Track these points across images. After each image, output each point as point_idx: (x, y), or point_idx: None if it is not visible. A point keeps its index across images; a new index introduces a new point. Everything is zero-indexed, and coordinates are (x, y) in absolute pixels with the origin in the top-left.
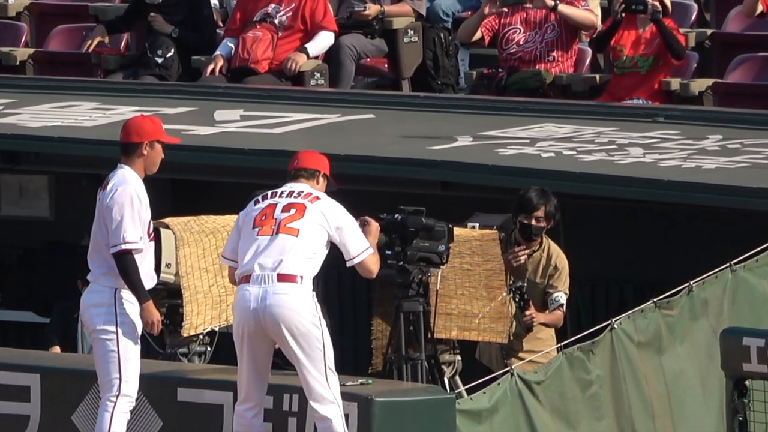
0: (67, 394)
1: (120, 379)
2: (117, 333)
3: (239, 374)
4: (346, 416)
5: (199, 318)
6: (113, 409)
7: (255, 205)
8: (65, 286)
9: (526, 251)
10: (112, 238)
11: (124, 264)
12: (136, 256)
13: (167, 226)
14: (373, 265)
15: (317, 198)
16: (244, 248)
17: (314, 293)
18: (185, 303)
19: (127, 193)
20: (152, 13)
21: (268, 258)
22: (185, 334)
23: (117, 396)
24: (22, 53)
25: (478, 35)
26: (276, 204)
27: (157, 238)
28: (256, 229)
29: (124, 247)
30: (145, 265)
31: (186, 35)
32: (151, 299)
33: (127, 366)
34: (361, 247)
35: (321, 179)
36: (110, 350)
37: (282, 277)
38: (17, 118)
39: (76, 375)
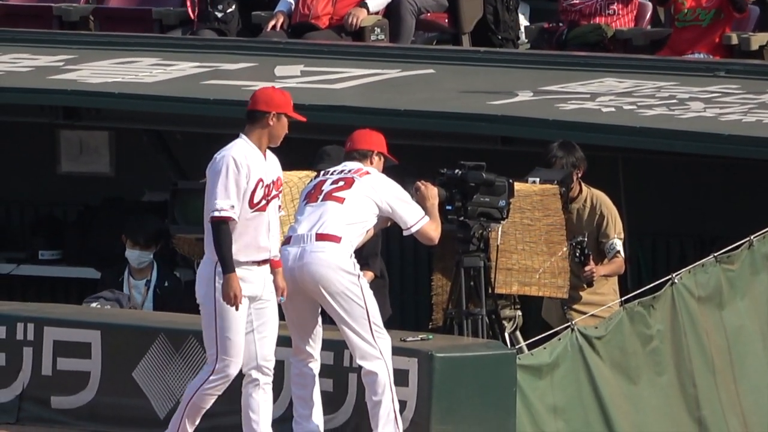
0: (127, 351)
1: (217, 355)
2: (215, 308)
3: (289, 329)
4: (407, 371)
5: None
6: (201, 384)
7: (310, 183)
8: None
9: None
10: (208, 206)
11: (216, 232)
12: (240, 226)
13: None
14: (433, 232)
15: (367, 173)
16: (295, 219)
17: (353, 256)
18: None
19: (225, 161)
20: None
21: (310, 221)
22: None
23: (211, 372)
24: (82, 9)
25: None
26: (326, 180)
27: None
28: (305, 201)
29: (214, 214)
30: (249, 235)
31: None
32: (234, 273)
33: (224, 344)
34: (415, 216)
35: (375, 158)
36: (208, 324)
37: (320, 237)
38: (78, 74)
39: (136, 331)
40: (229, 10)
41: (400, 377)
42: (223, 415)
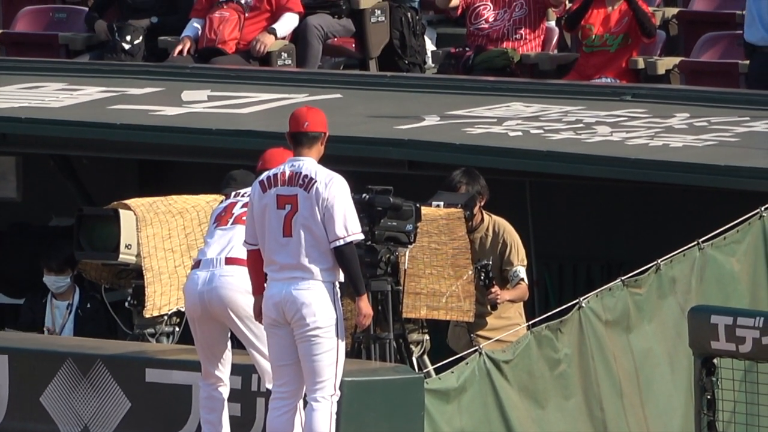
0: (35, 375)
1: (335, 377)
2: (337, 331)
3: (198, 353)
4: None
5: (163, 299)
6: (331, 409)
7: (220, 205)
8: (33, 267)
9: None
10: (338, 230)
11: (350, 255)
12: None
13: (128, 207)
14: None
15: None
16: (205, 242)
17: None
18: (147, 284)
19: (343, 184)
20: None
21: (219, 245)
22: (147, 315)
23: (332, 395)
24: None
25: (455, 2)
26: (237, 203)
27: (116, 219)
28: (215, 224)
29: (350, 238)
30: None
31: (165, 20)
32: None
33: (342, 365)
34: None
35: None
36: (329, 349)
37: (229, 261)
38: None
39: (44, 356)
40: (137, 42)
41: None
42: None
